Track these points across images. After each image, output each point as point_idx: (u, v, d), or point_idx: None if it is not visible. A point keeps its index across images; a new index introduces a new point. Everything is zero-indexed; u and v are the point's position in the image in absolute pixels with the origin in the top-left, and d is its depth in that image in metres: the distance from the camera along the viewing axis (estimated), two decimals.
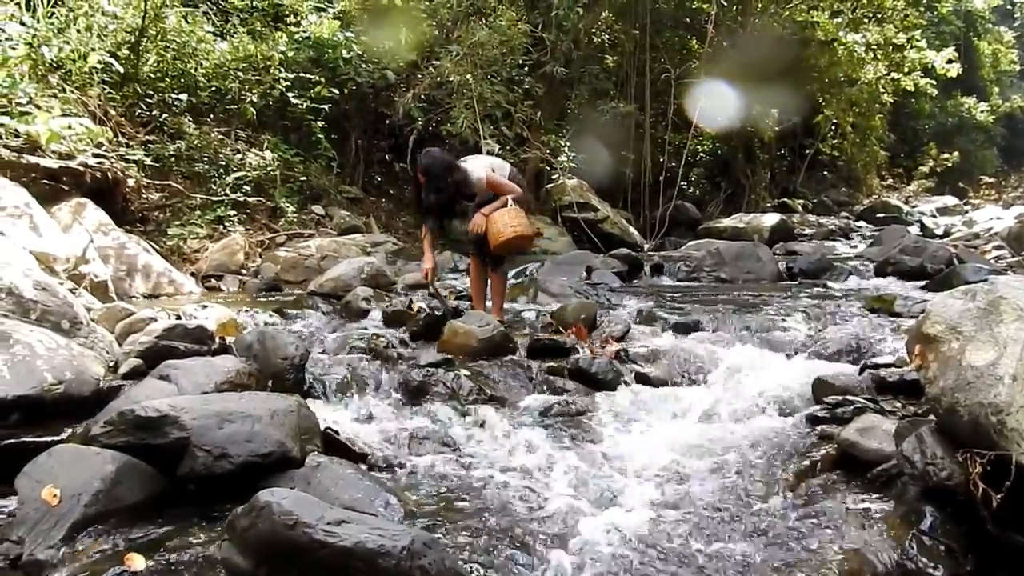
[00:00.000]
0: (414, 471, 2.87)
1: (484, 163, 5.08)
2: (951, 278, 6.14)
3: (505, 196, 4.88)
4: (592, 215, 11.59)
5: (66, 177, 6.22)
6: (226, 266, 7.11)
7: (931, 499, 2.22)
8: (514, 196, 4.91)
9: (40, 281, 3.77)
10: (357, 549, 1.77)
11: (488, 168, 4.98)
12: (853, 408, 3.10)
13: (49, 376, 3.04)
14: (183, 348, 3.72)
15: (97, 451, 2.45)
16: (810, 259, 8.27)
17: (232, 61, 8.96)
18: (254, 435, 2.51)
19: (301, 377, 3.62)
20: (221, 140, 8.76)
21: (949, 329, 2.23)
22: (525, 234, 4.83)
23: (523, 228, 4.81)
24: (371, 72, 10.34)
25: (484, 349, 4.28)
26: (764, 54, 13.52)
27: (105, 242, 5.91)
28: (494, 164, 5.13)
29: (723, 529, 2.39)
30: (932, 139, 24.61)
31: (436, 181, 4.81)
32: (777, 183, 18.20)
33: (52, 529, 2.19)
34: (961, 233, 11.89)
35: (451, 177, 4.79)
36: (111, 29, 7.82)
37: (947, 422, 2.19)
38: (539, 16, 11.51)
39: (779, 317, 5.09)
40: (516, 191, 4.95)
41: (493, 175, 4.94)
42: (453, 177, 4.79)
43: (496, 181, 4.92)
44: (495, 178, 4.93)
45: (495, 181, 4.92)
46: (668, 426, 3.44)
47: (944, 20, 24.11)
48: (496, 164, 5.15)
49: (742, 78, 12.93)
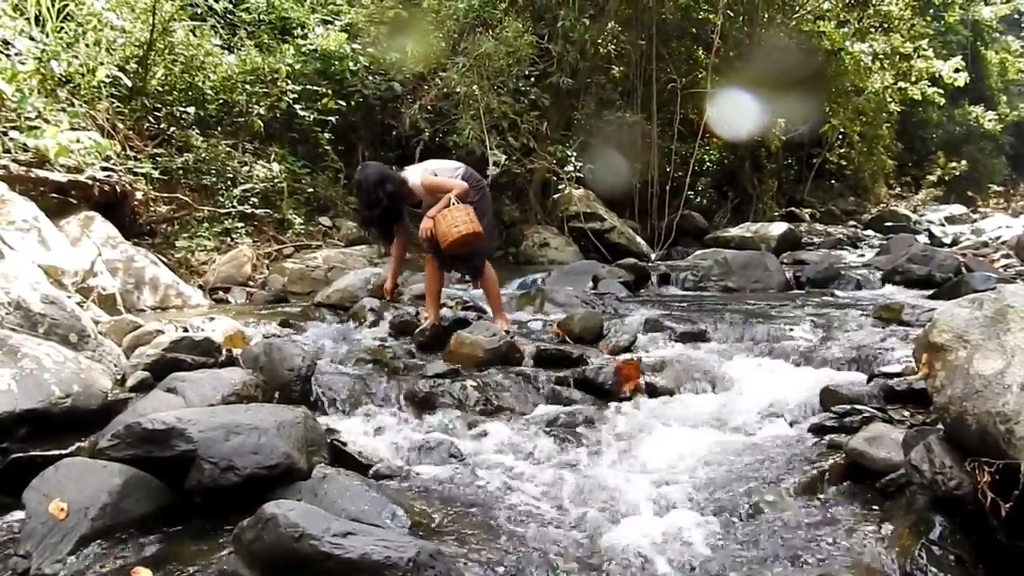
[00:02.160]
0: (421, 482, 2.86)
1: (424, 168, 4.97)
2: (959, 287, 6.11)
3: (447, 195, 4.73)
4: (599, 225, 11.59)
5: (74, 191, 6.26)
6: (233, 278, 7.14)
7: (940, 509, 2.20)
8: (457, 192, 4.73)
9: (48, 295, 3.79)
10: (363, 561, 1.77)
11: (426, 172, 4.86)
12: (861, 417, 3.09)
13: (57, 390, 3.04)
14: (190, 360, 3.73)
15: (104, 464, 2.45)
16: (817, 268, 8.24)
17: (239, 74, 9.02)
18: (260, 447, 2.51)
19: (308, 388, 3.62)
20: (228, 152, 8.80)
21: (956, 338, 2.22)
22: (471, 231, 4.66)
23: (467, 226, 4.64)
24: (378, 84, 10.41)
25: (491, 359, 4.28)
26: (771, 64, 13.53)
27: (113, 255, 5.95)
28: (439, 167, 5.00)
29: (733, 539, 2.38)
30: (940, 148, 24.58)
31: (368, 194, 4.81)
32: (784, 192, 18.17)
33: (59, 543, 2.19)
34: (969, 242, 11.86)
35: (383, 189, 4.72)
36: (119, 43, 7.88)
37: (955, 431, 2.17)
38: (545, 27, 11.55)
39: (787, 326, 5.08)
40: (457, 187, 4.77)
41: (430, 177, 4.81)
42: (385, 189, 4.72)
43: (433, 183, 4.79)
44: (431, 180, 4.80)
45: (431, 183, 4.79)
46: (675, 436, 3.42)
47: (951, 29, 24.08)
48: (441, 167, 5.01)
49: (749, 88, 12.93)
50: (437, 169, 4.98)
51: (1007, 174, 27.46)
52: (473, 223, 4.66)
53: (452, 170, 4.99)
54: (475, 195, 4.89)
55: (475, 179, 5.00)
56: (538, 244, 11.07)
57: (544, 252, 10.93)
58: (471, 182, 4.92)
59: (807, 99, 14.71)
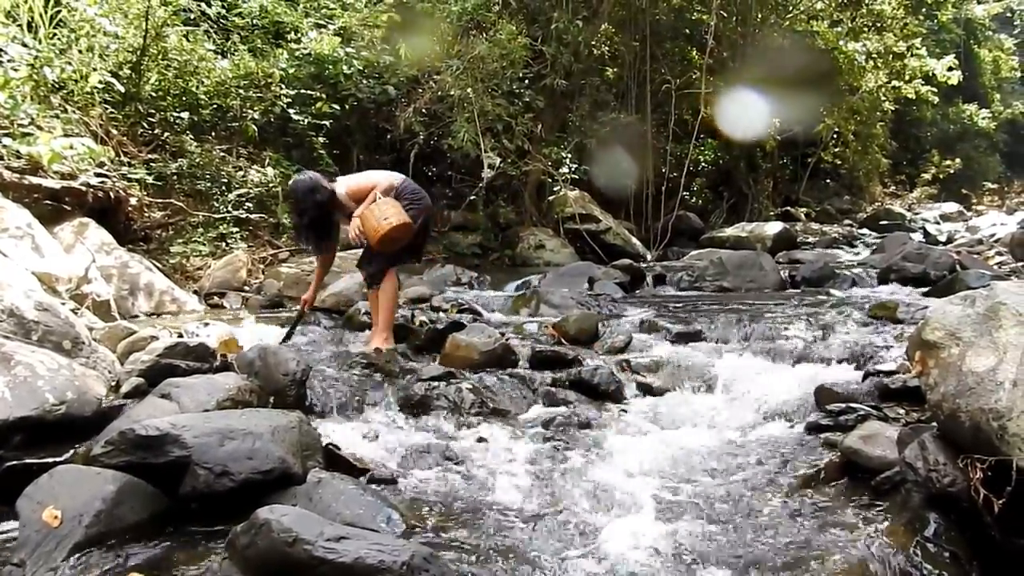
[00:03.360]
0: (416, 485, 2.86)
1: (358, 178, 4.87)
2: (954, 284, 6.12)
3: (372, 191, 4.64)
4: (595, 226, 11.60)
5: (68, 197, 6.25)
6: (229, 283, 7.12)
7: (935, 506, 2.21)
8: (381, 188, 4.63)
9: (42, 302, 3.78)
10: (357, 565, 1.76)
11: (352, 182, 4.76)
12: (856, 415, 3.10)
13: (51, 397, 3.03)
14: (185, 366, 3.71)
15: (98, 471, 2.44)
16: (813, 267, 8.25)
17: (233, 79, 9.00)
18: (255, 452, 2.51)
19: (303, 393, 3.61)
20: (223, 157, 8.79)
21: (949, 335, 2.23)
22: (401, 222, 4.54)
23: (396, 217, 4.52)
24: (372, 87, 10.40)
25: (486, 362, 4.27)
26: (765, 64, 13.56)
27: (107, 261, 5.93)
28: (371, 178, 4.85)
29: (729, 537, 2.38)
30: (934, 146, 24.60)
31: (297, 203, 4.79)
32: (780, 192, 18.19)
33: (54, 551, 2.18)
34: (964, 239, 11.88)
35: (312, 198, 4.65)
36: (112, 49, 7.86)
37: (949, 428, 2.18)
38: (539, 29, 11.56)
39: (782, 325, 5.08)
40: (381, 184, 4.64)
41: (354, 183, 4.72)
42: (315, 198, 4.65)
43: (355, 187, 4.69)
44: (353, 185, 4.71)
45: (353, 188, 4.69)
46: (672, 435, 3.43)
47: (944, 28, 24.14)
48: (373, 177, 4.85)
49: (743, 88, 12.96)
50: (371, 180, 4.81)
51: (1001, 172, 27.49)
52: (402, 215, 4.54)
53: (387, 183, 4.77)
54: (407, 204, 4.69)
55: (413, 193, 4.83)
56: (534, 246, 11.07)
57: (540, 254, 10.94)
58: (409, 195, 4.77)
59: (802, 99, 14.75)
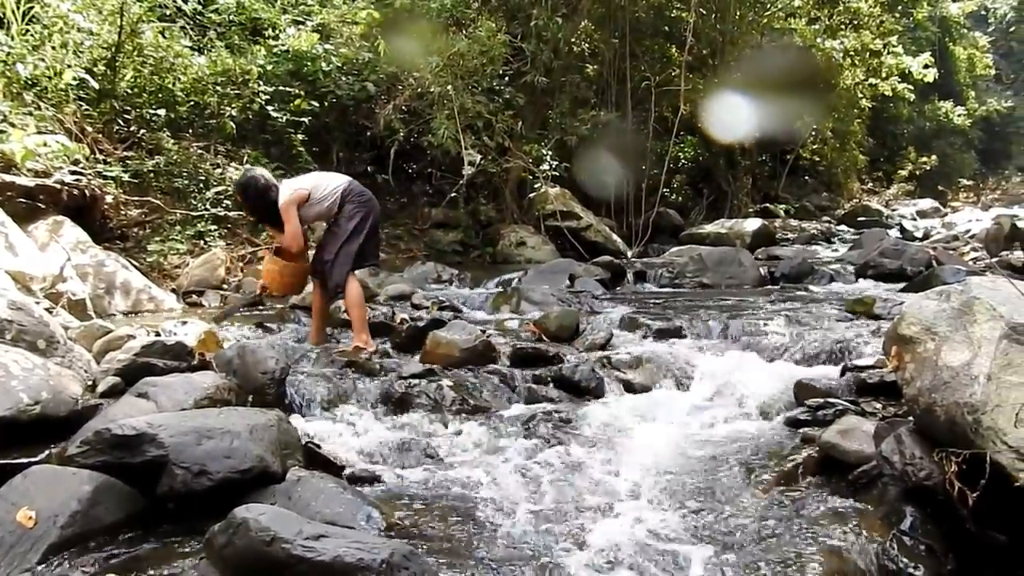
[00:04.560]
0: (397, 483, 2.85)
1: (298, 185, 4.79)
2: (930, 280, 6.19)
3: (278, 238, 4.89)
4: (575, 223, 11.60)
5: (42, 195, 6.16)
6: (207, 281, 7.06)
7: (911, 499, 2.23)
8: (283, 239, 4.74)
9: (15, 301, 3.73)
10: (336, 564, 1.75)
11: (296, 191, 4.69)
12: (834, 410, 3.13)
13: (25, 397, 2.99)
14: (162, 365, 3.67)
15: (74, 471, 2.41)
16: (792, 263, 8.31)
17: (210, 75, 8.90)
18: (233, 451, 2.49)
19: (283, 391, 3.59)
20: (200, 155, 8.70)
21: (924, 330, 2.25)
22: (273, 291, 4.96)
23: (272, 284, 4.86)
24: (351, 84, 10.33)
25: (467, 359, 4.27)
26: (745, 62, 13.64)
27: (83, 260, 5.86)
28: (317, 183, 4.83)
29: (707, 532, 2.39)
30: (911, 143, 24.90)
31: (250, 199, 4.81)
32: (759, 189, 18.29)
33: (28, 552, 2.15)
34: (940, 236, 12.02)
35: (264, 200, 4.70)
36: (87, 45, 7.76)
37: (925, 422, 2.20)
38: (519, 26, 11.54)
39: (761, 321, 5.11)
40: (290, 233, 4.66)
41: (285, 201, 4.64)
42: (266, 199, 4.69)
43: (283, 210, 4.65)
44: (283, 206, 4.65)
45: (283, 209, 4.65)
46: (652, 431, 3.44)
47: (920, 26, 24.38)
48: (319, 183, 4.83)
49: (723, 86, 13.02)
50: (316, 185, 4.79)
51: (976, 169, 27.88)
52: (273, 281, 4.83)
53: (333, 187, 4.80)
54: (354, 208, 4.75)
55: (359, 195, 4.83)
56: (515, 243, 11.06)
57: (521, 251, 10.93)
58: (355, 199, 4.78)
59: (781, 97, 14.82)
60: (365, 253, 4.80)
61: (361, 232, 4.73)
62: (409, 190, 12.03)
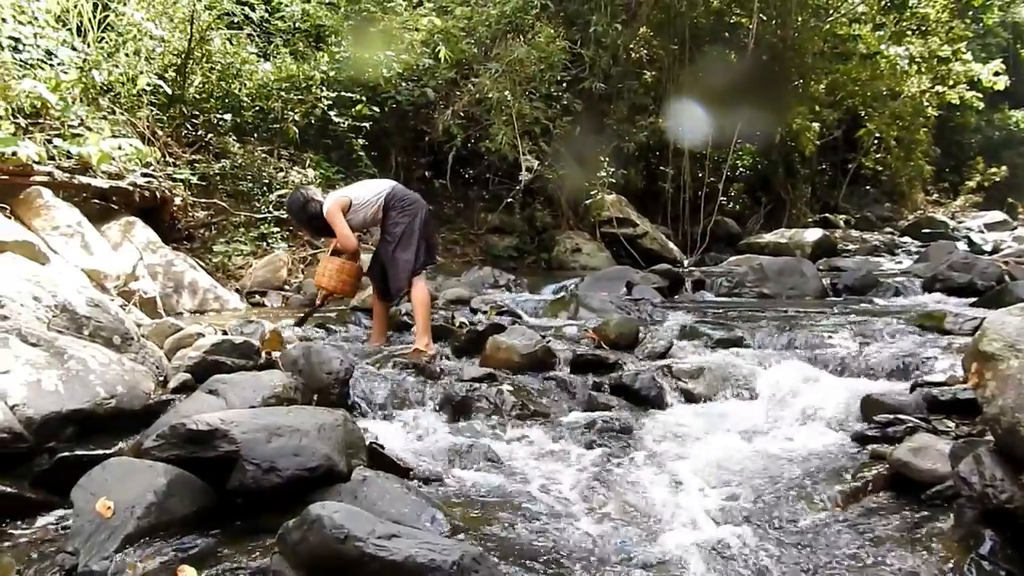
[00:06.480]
0: (459, 486, 2.86)
1: (340, 195, 4.95)
2: (1003, 295, 5.98)
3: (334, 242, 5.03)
4: (631, 230, 11.55)
5: (116, 196, 6.39)
6: (270, 282, 7.22)
7: (990, 522, 2.15)
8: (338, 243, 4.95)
9: (92, 298, 3.86)
10: (408, 563, 1.77)
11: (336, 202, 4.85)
12: (905, 427, 3.05)
13: (102, 391, 3.09)
14: (230, 363, 3.76)
15: (149, 464, 2.48)
16: (855, 275, 8.11)
17: (275, 81, 9.13)
18: (302, 449, 2.52)
19: (346, 392, 3.64)
20: (264, 158, 8.91)
21: (1007, 347, 2.18)
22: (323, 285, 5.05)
23: (326, 280, 4.97)
24: (411, 90, 10.46)
25: (526, 364, 4.28)
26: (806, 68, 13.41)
27: (153, 259, 6.05)
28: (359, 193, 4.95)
29: (773, 550, 2.34)
30: (979, 153, 24.12)
31: (295, 215, 5.19)
32: (818, 198, 17.97)
33: (106, 541, 2.21)
34: (1011, 249, 11.61)
35: (305, 213, 4.96)
36: (158, 52, 8.02)
37: (1007, 443, 2.12)
38: (577, 32, 11.55)
39: (824, 333, 5.01)
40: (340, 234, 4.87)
41: (331, 208, 4.83)
42: (307, 212, 4.94)
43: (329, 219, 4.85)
44: (329, 213, 4.83)
45: (329, 218, 4.84)
46: (713, 443, 3.39)
47: (991, 32, 23.64)
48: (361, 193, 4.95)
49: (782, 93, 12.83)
50: (359, 195, 4.91)
51: None
52: (330, 279, 4.95)
53: (375, 193, 4.90)
54: (399, 213, 4.84)
55: (402, 200, 4.91)
56: (570, 249, 11.06)
57: (576, 257, 10.92)
58: (398, 204, 4.87)
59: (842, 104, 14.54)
60: (419, 254, 4.85)
61: (412, 235, 4.80)
62: (466, 195, 12.11)
